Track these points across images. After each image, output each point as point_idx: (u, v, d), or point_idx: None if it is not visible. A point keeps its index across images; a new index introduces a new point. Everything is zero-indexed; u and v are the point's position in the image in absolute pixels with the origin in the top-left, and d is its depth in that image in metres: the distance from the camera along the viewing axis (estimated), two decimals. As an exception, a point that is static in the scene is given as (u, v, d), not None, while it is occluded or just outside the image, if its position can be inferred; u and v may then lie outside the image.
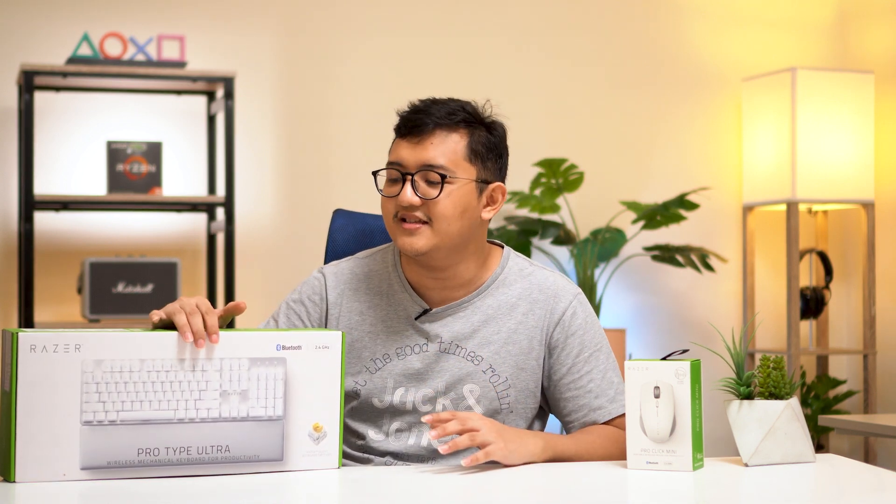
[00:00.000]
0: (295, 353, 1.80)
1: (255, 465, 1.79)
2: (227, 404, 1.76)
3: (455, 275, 2.04)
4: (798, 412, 1.85)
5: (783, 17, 4.72)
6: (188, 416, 1.74)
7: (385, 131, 4.70)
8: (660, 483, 1.74)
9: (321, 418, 1.82)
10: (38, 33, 4.02)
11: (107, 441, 1.70)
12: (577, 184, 4.22)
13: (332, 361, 1.82)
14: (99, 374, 1.70)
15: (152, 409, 1.72)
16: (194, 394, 1.75)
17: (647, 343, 4.52)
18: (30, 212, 3.68)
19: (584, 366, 2.05)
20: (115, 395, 1.71)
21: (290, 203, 4.22)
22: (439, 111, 2.00)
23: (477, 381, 2.02)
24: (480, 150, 2.01)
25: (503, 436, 1.86)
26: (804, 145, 4.28)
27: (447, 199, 1.97)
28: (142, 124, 4.09)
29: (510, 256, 2.10)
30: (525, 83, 4.45)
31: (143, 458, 1.72)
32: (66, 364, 1.68)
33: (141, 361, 1.72)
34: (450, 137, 1.99)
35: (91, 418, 1.70)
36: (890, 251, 4.52)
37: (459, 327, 2.04)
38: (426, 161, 1.97)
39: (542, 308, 2.06)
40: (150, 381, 1.72)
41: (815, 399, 4.42)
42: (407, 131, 2.00)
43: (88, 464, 1.70)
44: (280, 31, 4.24)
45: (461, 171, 1.98)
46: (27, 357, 1.66)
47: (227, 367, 1.76)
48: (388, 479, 1.82)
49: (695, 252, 4.23)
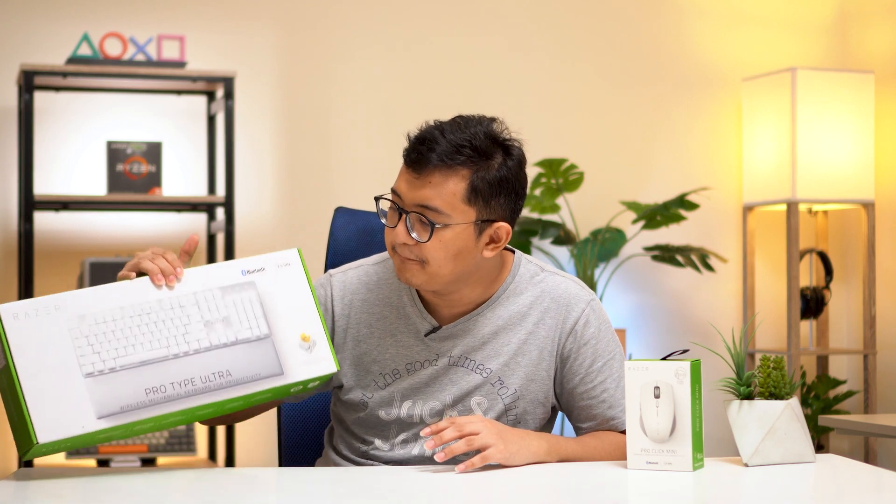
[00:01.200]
0: (260, 275, 1.87)
1: (259, 382, 1.83)
2: (213, 333, 1.82)
3: (461, 297, 2.01)
4: (798, 412, 1.85)
5: (783, 17, 4.72)
6: (182, 350, 1.80)
7: (385, 131, 4.68)
8: (660, 483, 1.74)
9: (305, 329, 1.87)
10: (38, 33, 4.02)
11: (113, 388, 1.75)
12: (577, 184, 4.22)
13: (297, 276, 1.89)
14: (86, 328, 1.75)
15: (146, 351, 1.78)
16: (180, 329, 1.80)
17: (647, 343, 4.52)
18: (30, 212, 3.68)
19: (597, 376, 2.02)
20: (108, 344, 1.76)
21: (290, 203, 4.22)
22: (445, 146, 1.89)
23: (485, 393, 2.00)
24: (483, 189, 1.91)
25: (504, 437, 1.85)
26: (804, 145, 4.28)
27: (438, 243, 1.90)
28: (142, 124, 4.09)
29: (521, 263, 2.06)
30: (525, 83, 4.45)
31: (153, 396, 1.76)
32: (51, 325, 1.74)
33: (121, 309, 1.78)
34: (450, 179, 1.90)
35: (91, 370, 1.74)
36: (890, 251, 4.52)
37: (469, 340, 2.01)
38: (421, 201, 1.90)
39: (554, 317, 2.02)
40: (135, 325, 1.78)
41: (815, 399, 4.42)
42: (411, 161, 1.92)
43: (103, 412, 1.73)
44: (280, 31, 4.24)
45: (457, 215, 1.90)
46: (13, 325, 1.71)
47: (203, 299, 1.83)
48: (387, 480, 1.82)
49: (695, 252, 4.23)
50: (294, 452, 2.28)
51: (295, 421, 2.29)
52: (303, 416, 2.29)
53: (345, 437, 2.08)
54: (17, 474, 1.82)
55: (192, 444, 3.84)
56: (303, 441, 2.28)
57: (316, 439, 2.27)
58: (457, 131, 1.91)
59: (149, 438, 3.81)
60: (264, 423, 4.08)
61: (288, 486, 1.78)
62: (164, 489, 1.71)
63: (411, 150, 1.92)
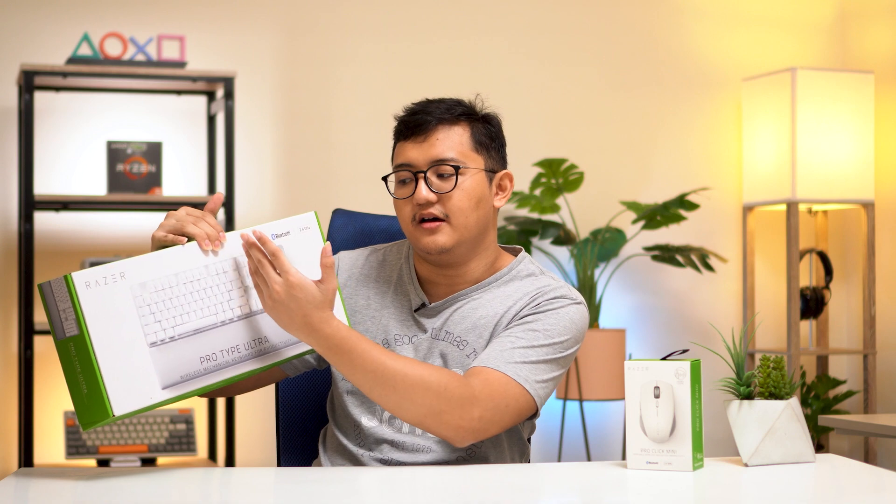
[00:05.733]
0: (287, 238, 1.88)
1: (292, 347, 1.88)
2: (253, 299, 1.84)
3: (466, 272, 2.05)
4: (798, 412, 1.85)
5: (783, 17, 4.72)
6: (227, 318, 1.81)
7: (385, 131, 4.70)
8: (660, 483, 1.74)
9: None
10: (38, 33, 4.02)
11: (174, 357, 1.75)
12: (577, 184, 4.22)
13: (316, 239, 1.90)
14: (147, 297, 1.74)
15: (198, 318, 1.78)
16: (224, 295, 1.81)
17: (647, 343, 4.52)
18: (30, 212, 3.68)
19: (518, 329, 1.98)
20: (167, 312, 1.76)
21: (290, 203, 4.22)
22: (438, 108, 2.03)
23: (462, 365, 2.02)
24: (484, 141, 2.04)
25: (286, 294, 1.78)
26: (804, 145, 4.28)
27: (461, 191, 1.99)
28: (142, 124, 4.09)
29: (523, 261, 2.10)
30: (525, 83, 4.45)
31: (207, 365, 1.78)
32: (118, 293, 1.72)
33: (175, 276, 1.78)
34: (453, 131, 2.02)
35: (155, 339, 1.74)
36: (890, 251, 4.52)
37: (450, 316, 2.04)
38: (436, 157, 2.00)
39: (530, 297, 2.03)
40: (188, 292, 1.78)
41: (815, 399, 4.42)
42: (410, 132, 2.02)
43: (167, 382, 1.74)
44: (280, 32, 4.24)
45: (471, 162, 2.01)
46: (85, 294, 1.69)
47: (243, 264, 1.84)
48: (387, 480, 1.82)
49: (695, 252, 4.23)
50: (293, 453, 2.28)
51: (294, 421, 2.29)
52: (302, 416, 2.29)
53: (339, 423, 2.08)
54: (18, 474, 1.82)
55: (192, 444, 3.84)
56: (302, 441, 2.28)
57: (315, 439, 2.27)
58: (441, 101, 2.05)
59: (149, 438, 3.81)
60: (264, 423, 4.08)
61: (287, 486, 1.78)
62: (164, 489, 1.71)
63: (408, 122, 2.02)
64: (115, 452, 3.76)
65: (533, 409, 1.95)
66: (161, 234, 1.80)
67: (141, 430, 3.81)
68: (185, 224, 1.80)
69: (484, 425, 1.88)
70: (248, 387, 2.06)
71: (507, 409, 1.91)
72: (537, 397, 1.94)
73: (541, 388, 1.94)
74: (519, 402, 1.92)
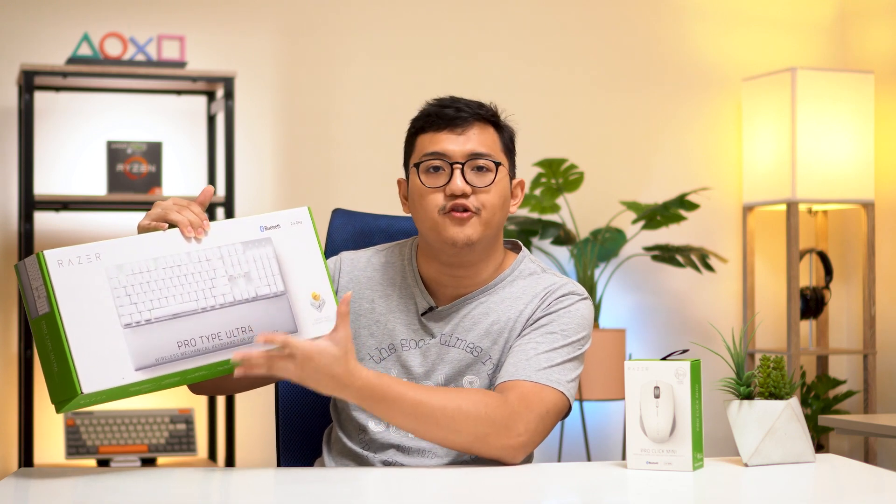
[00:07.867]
0: (276, 231, 1.88)
1: None
2: (237, 288, 1.83)
3: (476, 272, 2.05)
4: (798, 412, 1.85)
5: (783, 17, 4.72)
6: (209, 304, 1.80)
7: (385, 131, 4.67)
8: (660, 483, 1.74)
9: (316, 287, 1.89)
10: (38, 33, 4.02)
11: (149, 339, 1.75)
12: (577, 184, 4.22)
13: (308, 234, 1.90)
14: (123, 278, 1.74)
15: (178, 303, 1.78)
16: (207, 283, 1.81)
17: (647, 343, 4.52)
18: (30, 212, 3.68)
19: (535, 335, 1.99)
20: (143, 295, 1.76)
21: (290, 203, 4.21)
22: (470, 105, 2.03)
23: (476, 372, 2.02)
24: (508, 146, 2.07)
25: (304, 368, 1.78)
26: (804, 145, 4.28)
27: (496, 187, 2.00)
28: (142, 124, 4.09)
29: (524, 260, 2.10)
30: (525, 83, 4.45)
31: (184, 349, 1.77)
32: (92, 273, 1.72)
33: (154, 260, 1.78)
34: (488, 130, 2.03)
35: (130, 321, 1.74)
36: (890, 251, 4.52)
37: (460, 321, 2.04)
38: (474, 150, 2.00)
39: (539, 298, 2.05)
40: (167, 277, 1.78)
41: (815, 399, 4.42)
42: (445, 123, 2.01)
43: (140, 364, 1.73)
44: (280, 32, 4.24)
45: (503, 162, 2.03)
46: (58, 272, 1.70)
47: (227, 253, 1.83)
48: (387, 480, 1.82)
49: (695, 252, 4.23)
50: (293, 453, 2.28)
51: (294, 421, 2.29)
52: (302, 416, 2.29)
53: (344, 426, 2.08)
54: (17, 474, 1.82)
55: (192, 444, 3.84)
56: (302, 441, 2.28)
57: (315, 439, 2.27)
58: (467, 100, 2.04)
59: (149, 438, 3.81)
60: (264, 423, 4.08)
61: (287, 486, 1.78)
62: (164, 489, 1.71)
63: (442, 114, 2.01)
64: (115, 452, 3.76)
65: (567, 408, 1.98)
66: (146, 222, 1.82)
67: (141, 430, 3.81)
68: (170, 212, 1.81)
69: (530, 437, 1.89)
70: (246, 385, 2.05)
71: (548, 415, 1.93)
72: (571, 396, 1.97)
73: (571, 388, 1.97)
74: (557, 406, 1.94)
